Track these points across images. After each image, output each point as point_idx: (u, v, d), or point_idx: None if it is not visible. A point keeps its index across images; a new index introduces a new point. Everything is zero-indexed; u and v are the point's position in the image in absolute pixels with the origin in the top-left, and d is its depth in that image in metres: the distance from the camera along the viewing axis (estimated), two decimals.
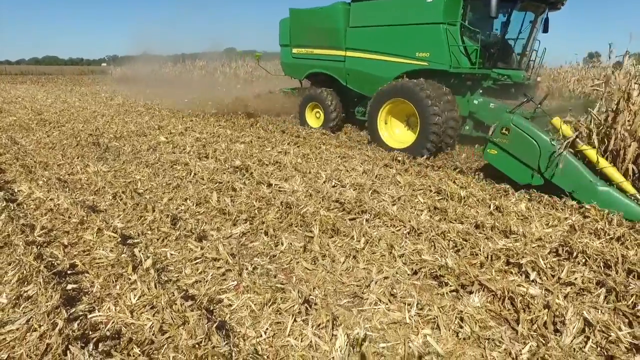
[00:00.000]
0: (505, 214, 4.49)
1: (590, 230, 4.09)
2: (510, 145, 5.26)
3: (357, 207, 4.49)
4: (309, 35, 9.24)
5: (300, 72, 9.88)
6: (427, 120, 6.70)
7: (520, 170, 5.20)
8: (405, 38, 7.35)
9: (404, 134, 7.58)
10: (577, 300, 2.99)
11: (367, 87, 8.21)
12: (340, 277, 3.25)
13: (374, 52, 7.92)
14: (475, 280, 3.06)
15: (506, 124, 5.29)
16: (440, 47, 6.89)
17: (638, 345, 2.50)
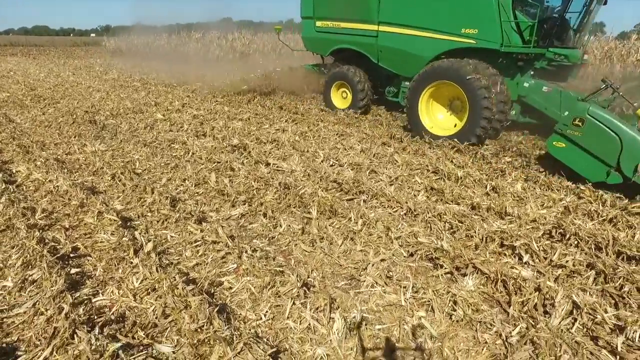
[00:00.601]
0: (502, 195, 4.54)
1: (584, 211, 4.16)
2: (584, 138, 4.76)
3: (355, 188, 4.53)
4: (335, 7, 8.30)
5: (325, 47, 8.91)
6: (478, 104, 6.02)
7: (593, 166, 4.72)
8: (449, 12, 6.50)
9: (447, 119, 6.81)
10: (567, 282, 3.08)
11: (402, 66, 7.54)
12: (338, 259, 3.33)
13: (412, 27, 7.04)
14: (469, 263, 3.14)
15: (580, 114, 4.76)
16: (491, 23, 6.07)
17: (622, 326, 2.60)
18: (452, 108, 6.76)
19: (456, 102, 6.61)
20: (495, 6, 5.96)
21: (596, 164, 4.70)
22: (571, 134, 4.85)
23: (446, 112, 6.86)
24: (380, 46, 7.66)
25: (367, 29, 7.78)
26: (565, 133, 4.90)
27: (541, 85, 6.36)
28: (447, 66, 6.37)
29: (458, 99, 6.51)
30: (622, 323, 2.62)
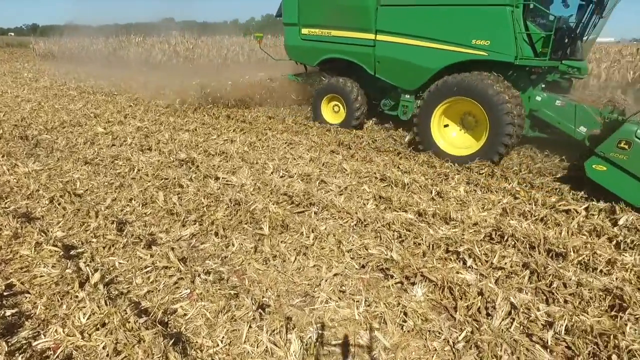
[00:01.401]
0: (446, 199, 4.78)
1: (519, 212, 4.47)
2: (630, 162, 4.52)
3: (305, 200, 4.59)
4: (325, 14, 7.65)
5: (312, 57, 8.20)
6: (500, 121, 5.65)
7: (638, 190, 4.52)
8: (458, 22, 6.04)
9: (461, 137, 6.40)
10: (506, 283, 3.31)
11: (403, 79, 7.03)
12: (292, 277, 3.37)
13: (416, 37, 6.53)
14: (418, 272, 3.29)
15: (627, 136, 4.50)
16: (504, 35, 5.66)
17: (551, 321, 2.84)
18: (464, 125, 6.36)
19: (468, 118, 6.24)
20: (509, 17, 5.58)
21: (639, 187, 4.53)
22: (615, 156, 4.60)
23: (459, 130, 6.45)
24: (378, 56, 7.15)
25: (362, 38, 7.24)
26: (608, 156, 4.65)
27: (554, 99, 6.06)
28: (465, 81, 5.92)
29: (470, 114, 6.17)
30: (552, 318, 2.87)
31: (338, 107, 8.10)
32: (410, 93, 7.12)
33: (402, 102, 7.30)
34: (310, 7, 7.91)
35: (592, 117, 5.66)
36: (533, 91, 6.28)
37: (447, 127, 6.46)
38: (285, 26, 8.46)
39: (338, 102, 8.03)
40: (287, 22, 8.36)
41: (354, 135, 7.32)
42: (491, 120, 5.76)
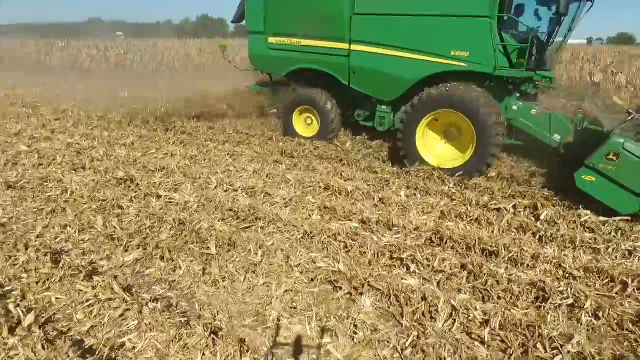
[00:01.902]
0: (388, 205, 4.98)
1: (455, 213, 4.77)
2: (618, 172, 4.69)
3: (251, 215, 4.59)
4: (294, 22, 7.32)
5: (281, 67, 7.80)
6: (488, 132, 5.71)
7: (625, 199, 4.72)
8: (436, 32, 6.04)
9: (447, 150, 6.37)
10: (447, 285, 3.54)
11: (380, 89, 6.89)
12: (243, 297, 3.37)
13: (393, 47, 6.42)
14: (365, 282, 3.42)
15: (615, 148, 4.68)
16: (483, 46, 5.75)
17: (487, 318, 3.09)
18: (447, 136, 6.36)
19: (451, 129, 6.26)
20: (487, 28, 5.68)
21: (629, 197, 4.70)
22: (603, 167, 4.76)
23: (442, 142, 6.43)
24: (353, 67, 6.92)
25: (335, 47, 6.99)
26: (597, 167, 4.80)
27: (529, 107, 6.26)
28: (450, 93, 5.95)
29: (453, 126, 6.19)
30: (487, 316, 3.11)
31: (311, 119, 7.75)
32: (387, 104, 7.04)
33: (379, 113, 7.18)
34: (278, 14, 7.54)
35: (566, 124, 6.02)
36: (509, 100, 6.44)
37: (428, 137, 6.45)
38: (250, 34, 8.03)
39: (310, 114, 7.68)
40: (252, 29, 7.93)
41: (296, 143, 7.38)
42: (479, 132, 5.78)
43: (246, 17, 8.00)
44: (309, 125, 7.82)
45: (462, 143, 6.15)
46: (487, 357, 2.77)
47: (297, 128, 7.90)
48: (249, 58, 8.35)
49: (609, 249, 4.15)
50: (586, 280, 3.66)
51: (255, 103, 9.42)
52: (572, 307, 3.28)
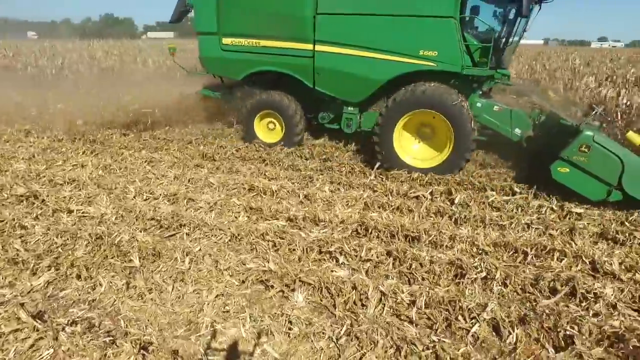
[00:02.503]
0: (313, 202, 5.07)
1: (378, 204, 4.99)
2: (589, 163, 5.05)
3: (175, 222, 4.42)
4: (252, 22, 6.87)
5: (237, 70, 7.30)
6: (466, 131, 5.85)
7: (595, 187, 5.08)
8: (405, 32, 6.02)
9: (423, 149, 6.40)
10: (375, 273, 3.70)
11: (347, 91, 6.72)
12: (172, 307, 3.24)
13: (360, 48, 6.28)
14: (296, 278, 3.46)
15: (587, 141, 5.03)
16: (451, 46, 5.87)
17: (414, 299, 3.29)
18: (421, 136, 6.41)
19: (424, 129, 6.32)
20: (455, 28, 5.79)
21: (597, 185, 5.07)
22: (577, 159, 5.09)
23: (416, 142, 6.46)
24: (318, 68, 6.66)
25: (298, 49, 6.68)
26: (571, 159, 5.13)
27: (492, 104, 6.49)
28: (427, 93, 5.94)
29: (426, 125, 6.27)
30: (414, 297, 3.31)
31: (274, 124, 7.38)
32: (354, 105, 6.94)
33: (346, 115, 7.05)
34: (234, 14, 7.03)
35: (525, 119, 6.36)
36: (474, 98, 6.56)
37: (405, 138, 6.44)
38: (200, 35, 7.42)
39: (273, 119, 7.32)
40: (203, 30, 7.35)
41: (217, 146, 7.22)
42: (456, 130, 5.89)
43: (196, 17, 7.43)
44: (272, 131, 7.45)
45: (437, 142, 6.26)
46: (416, 335, 2.95)
47: (260, 134, 7.48)
48: (200, 60, 7.73)
49: (512, 224, 4.62)
50: (496, 254, 4.04)
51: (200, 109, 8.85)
52: (486, 280, 3.60)
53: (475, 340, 2.97)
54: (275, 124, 7.38)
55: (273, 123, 7.39)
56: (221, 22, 7.14)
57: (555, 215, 4.97)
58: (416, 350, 2.79)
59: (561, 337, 2.96)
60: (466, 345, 2.89)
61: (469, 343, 2.93)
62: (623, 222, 4.79)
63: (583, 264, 3.92)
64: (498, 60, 6.22)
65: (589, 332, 2.98)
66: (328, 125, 7.49)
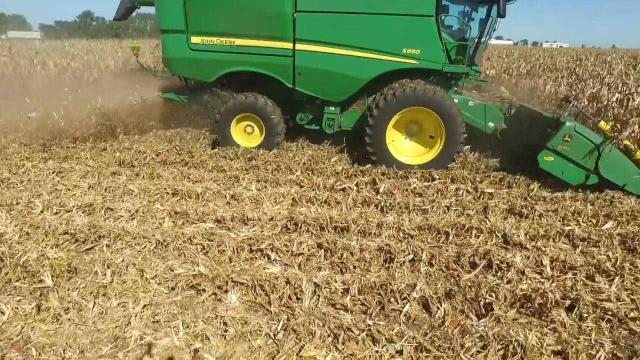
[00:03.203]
0: (240, 201, 4.98)
1: (306, 198, 5.03)
2: (571, 151, 5.46)
3: (93, 234, 4.10)
4: (226, 19, 6.50)
5: (209, 71, 6.86)
6: (457, 128, 6.08)
7: (576, 173, 5.54)
8: (388, 31, 6.11)
9: (413, 146, 6.58)
10: (307, 266, 3.73)
11: (330, 91, 6.64)
12: (95, 324, 3.01)
13: (344, 47, 6.25)
14: (228, 279, 3.38)
15: (569, 131, 5.44)
16: (433, 44, 6.10)
17: (347, 287, 3.37)
18: (408, 133, 6.57)
19: (411, 126, 6.48)
20: (435, 27, 6.00)
21: (577, 170, 5.54)
22: (561, 148, 5.49)
23: (405, 138, 6.60)
24: (299, 68, 6.49)
25: (277, 48, 6.44)
26: (556, 149, 5.52)
27: (468, 100, 6.73)
28: (419, 91, 6.05)
29: (414, 122, 6.43)
30: (347, 285, 3.39)
31: (252, 127, 7.07)
32: (336, 105, 6.87)
33: (327, 115, 6.97)
34: (205, 11, 6.54)
35: (497, 113, 6.69)
36: (450, 94, 6.73)
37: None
38: (165, 34, 6.86)
39: (251, 122, 7.03)
40: (168, 28, 6.80)
41: (135, 152, 6.81)
42: (447, 126, 6.09)
43: (159, 14, 6.85)
44: (250, 135, 7.13)
45: (425, 138, 6.46)
46: (352, 321, 3.02)
47: (237, 138, 7.11)
48: (164, 61, 7.15)
49: (434, 207, 4.91)
50: (421, 237, 4.27)
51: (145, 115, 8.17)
52: (413, 261, 3.79)
53: (408, 319, 3.11)
54: (253, 127, 7.08)
55: (251, 126, 7.08)
56: (190, 19, 6.63)
57: (470, 196, 5.37)
58: (353, 335, 2.86)
59: (482, 306, 3.21)
60: (399, 325, 3.01)
61: (402, 322, 3.07)
62: (526, 198, 5.30)
63: (496, 238, 4.28)
64: (471, 58, 6.47)
65: (504, 297, 3.26)
66: (307, 126, 7.35)
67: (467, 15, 6.75)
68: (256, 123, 7.00)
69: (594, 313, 3.14)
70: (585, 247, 4.16)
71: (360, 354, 2.71)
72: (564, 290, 3.39)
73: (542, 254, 3.90)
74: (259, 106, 6.79)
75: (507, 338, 2.83)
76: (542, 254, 3.92)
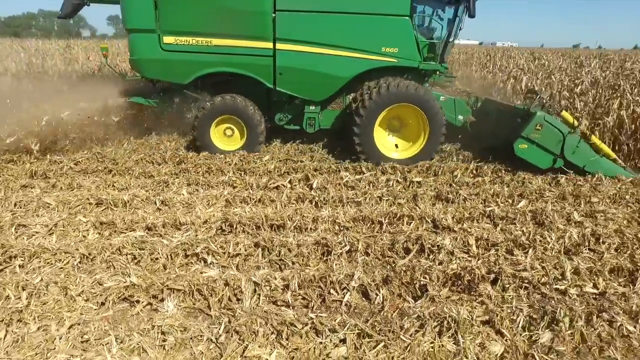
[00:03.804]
0: (171, 206, 4.78)
1: (240, 199, 4.94)
2: (542, 138, 5.99)
3: (2, 255, 3.71)
4: (202, 18, 6.19)
5: (184, 72, 6.50)
6: (439, 123, 6.41)
7: (545, 157, 6.09)
8: (369, 31, 6.26)
9: (397, 142, 6.82)
10: (245, 266, 3.67)
11: (311, 90, 6.62)
12: (9, 355, 2.72)
13: (326, 46, 6.29)
14: (163, 287, 3.23)
15: (540, 120, 5.95)
16: (409, 42, 6.36)
17: (287, 284, 3.37)
18: (391, 129, 6.78)
19: (393, 122, 6.69)
20: (411, 26, 6.24)
21: (547, 156, 6.09)
22: (533, 136, 5.99)
23: (388, 134, 6.80)
24: (281, 67, 6.38)
25: (257, 47, 6.28)
26: (530, 137, 6.01)
27: (439, 95, 6.94)
28: (405, 88, 6.26)
29: (396, 118, 6.65)
30: (286, 281, 3.39)
31: (232, 130, 6.79)
32: (316, 104, 6.85)
33: (308, 115, 6.91)
34: (179, 9, 6.15)
35: (465, 107, 7.05)
36: None
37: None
38: (133, 33, 6.35)
39: (231, 124, 6.75)
40: (137, 27, 6.31)
41: (49, 162, 6.25)
42: (431, 121, 6.38)
43: (125, 12, 6.31)
44: (230, 137, 6.86)
45: (407, 133, 6.71)
46: (295, 316, 3.02)
47: (217, 142, 6.78)
48: (133, 63, 6.61)
49: (367, 199, 5.06)
50: (356, 228, 4.38)
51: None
52: (350, 252, 3.88)
53: (349, 308, 3.18)
54: (233, 130, 6.83)
55: (231, 129, 6.83)
56: (162, 17, 6.20)
57: (400, 186, 5.60)
58: (296, 330, 2.87)
59: (417, 288, 3.38)
60: (341, 315, 3.07)
61: (343, 312, 3.13)
62: (451, 184, 5.65)
63: (427, 223, 4.51)
64: (441, 56, 6.80)
65: (437, 278, 3.44)
66: (287, 127, 7.26)
67: (437, 15, 7.06)
68: (236, 125, 6.80)
69: (514, 283, 3.43)
70: (504, 225, 4.52)
71: (305, 347, 2.73)
72: (489, 265, 3.66)
73: (468, 235, 4.18)
74: (241, 108, 6.60)
75: (442, 315, 2.99)
76: (468, 234, 4.20)
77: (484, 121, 7.00)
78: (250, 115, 6.64)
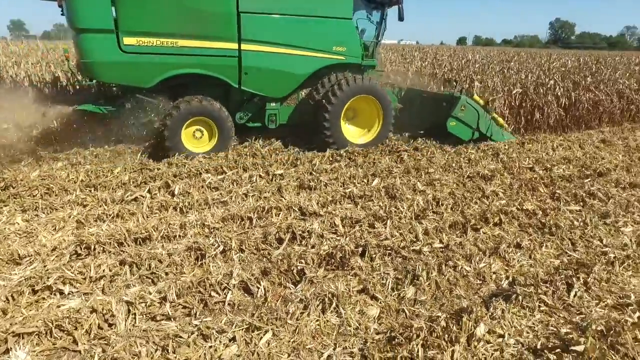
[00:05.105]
0: (4, 239, 4.04)
1: (94, 218, 4.44)
2: (465, 116, 7.54)
3: None
4: (166, 18, 5.93)
5: (146, 75, 6.09)
6: (390, 112, 7.47)
7: (467, 132, 7.70)
8: (322, 32, 6.89)
9: (355, 129, 7.74)
10: (112, 287, 3.34)
11: (274, 88, 6.98)
12: None
13: (287, 46, 6.70)
14: (7, 335, 2.74)
15: (464, 102, 7.45)
16: (354, 42, 7.18)
17: (164, 296, 3.18)
18: (346, 118, 7.53)
19: (348, 112, 7.42)
20: (355, 28, 7.18)
21: (468, 130, 7.69)
22: (460, 115, 7.49)
23: (345, 123, 7.52)
24: (247, 67, 6.55)
25: (223, 48, 6.33)
26: (457, 115, 7.46)
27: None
28: (365, 81, 7.18)
29: (350, 109, 7.42)
30: (164, 293, 3.20)
31: (201, 132, 6.70)
32: (277, 101, 7.19)
33: (270, 111, 7.24)
34: (141, 8, 5.78)
35: (393, 96, 8.18)
36: None
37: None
38: (84, 33, 5.70)
39: (201, 126, 6.68)
40: (89, 27, 5.68)
41: None
42: (384, 110, 7.43)
43: (75, 9, 5.59)
44: (199, 139, 6.75)
45: (361, 121, 7.67)
46: (178, 327, 2.89)
47: (187, 144, 6.59)
48: (85, 67, 5.90)
49: (233, 197, 5.04)
50: (226, 228, 4.33)
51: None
52: (224, 252, 3.84)
53: (233, 307, 3.16)
54: (202, 132, 6.74)
55: (200, 131, 6.73)
56: (121, 17, 5.75)
57: (264, 181, 5.70)
58: (183, 340, 2.74)
59: (295, 273, 3.52)
60: (226, 315, 3.04)
61: (228, 312, 3.09)
62: (311, 173, 5.96)
63: (294, 212, 4.70)
64: (373, 53, 7.75)
65: (312, 260, 3.65)
66: (251, 125, 7.41)
67: (368, 17, 7.86)
68: (206, 127, 6.72)
69: (379, 252, 3.83)
70: (364, 203, 4.98)
71: (195, 356, 2.63)
72: (356, 240, 4.00)
73: (333, 217, 4.49)
74: (214, 109, 6.56)
75: (322, 294, 3.19)
76: (334, 216, 4.51)
77: (410, 107, 8.31)
78: (222, 116, 6.67)
